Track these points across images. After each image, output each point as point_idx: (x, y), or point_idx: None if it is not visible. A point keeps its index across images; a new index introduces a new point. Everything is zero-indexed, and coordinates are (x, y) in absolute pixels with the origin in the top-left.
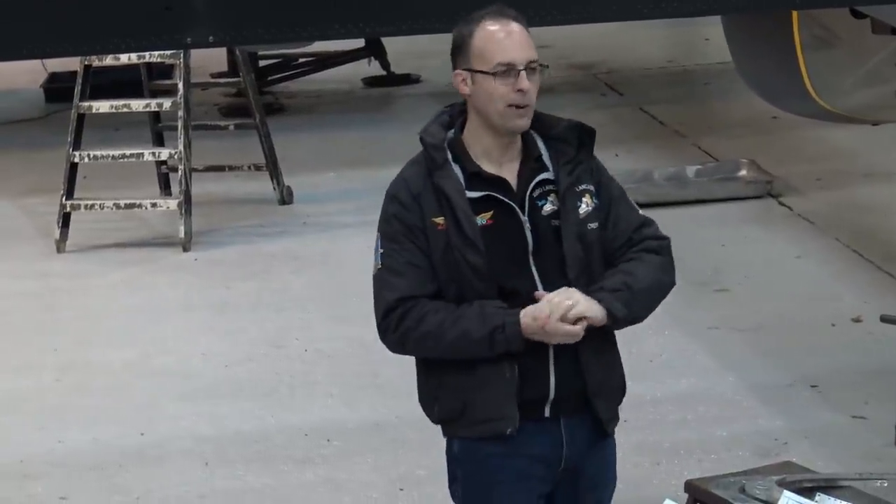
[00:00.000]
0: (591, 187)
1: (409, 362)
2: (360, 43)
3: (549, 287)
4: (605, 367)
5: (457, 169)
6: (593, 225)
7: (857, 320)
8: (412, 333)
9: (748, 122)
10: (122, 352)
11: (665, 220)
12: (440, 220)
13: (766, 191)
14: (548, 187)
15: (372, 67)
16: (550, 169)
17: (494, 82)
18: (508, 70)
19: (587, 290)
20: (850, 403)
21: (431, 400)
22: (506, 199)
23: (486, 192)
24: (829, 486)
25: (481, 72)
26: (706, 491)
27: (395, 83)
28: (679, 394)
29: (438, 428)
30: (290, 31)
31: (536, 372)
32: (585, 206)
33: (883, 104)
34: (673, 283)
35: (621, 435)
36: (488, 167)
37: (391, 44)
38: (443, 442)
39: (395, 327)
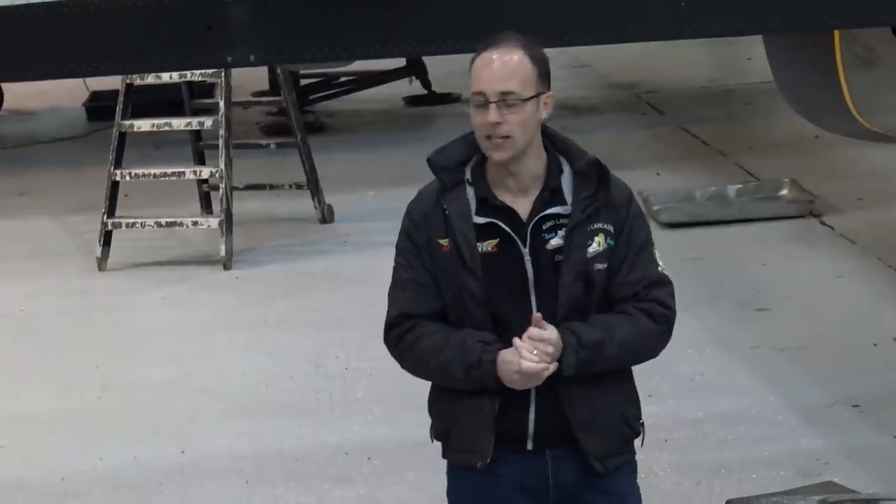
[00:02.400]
0: (609, 227)
1: None
2: (401, 62)
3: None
4: (595, 402)
5: (471, 192)
6: (601, 266)
7: None
8: (407, 355)
9: (790, 142)
10: (163, 370)
11: (706, 240)
12: (445, 241)
13: (807, 210)
14: (561, 221)
15: (413, 86)
16: (568, 202)
17: (471, 112)
18: (481, 101)
19: (569, 325)
20: (892, 423)
21: (431, 414)
22: (508, 230)
23: (492, 220)
24: None
25: (468, 99)
26: None
27: (436, 102)
28: (720, 413)
29: None
30: (330, 51)
31: (516, 406)
32: (597, 245)
33: None
34: (653, 356)
35: (664, 454)
36: (503, 193)
37: (432, 63)
38: None
39: (394, 344)
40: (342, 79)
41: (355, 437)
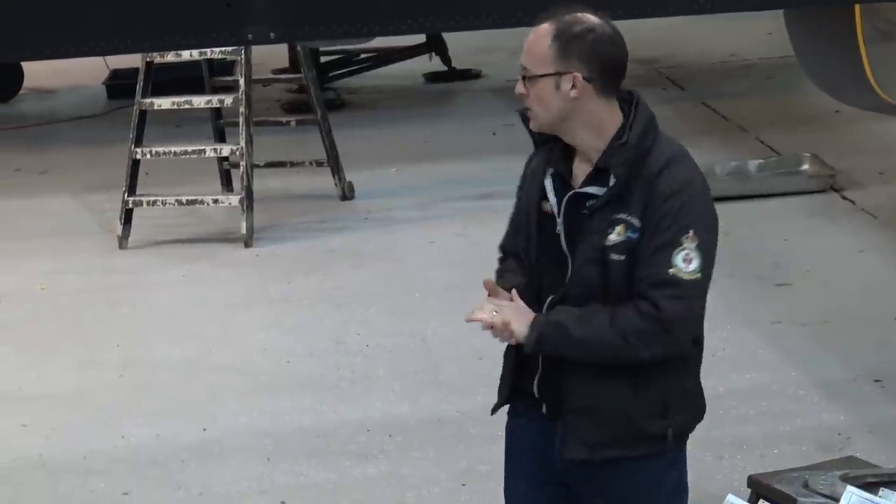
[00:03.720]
0: (633, 220)
1: (470, 358)
2: (421, 38)
3: (557, 290)
4: (597, 391)
5: (549, 154)
6: (618, 256)
7: None
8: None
9: (810, 117)
10: (184, 347)
11: (727, 215)
12: (523, 193)
13: (828, 185)
14: (590, 202)
15: (433, 63)
16: (610, 185)
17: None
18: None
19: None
20: None
21: None
22: (552, 197)
23: (552, 184)
24: (893, 482)
25: None
26: (769, 486)
27: (456, 78)
28: (741, 389)
29: (500, 423)
30: (350, 27)
31: (529, 365)
32: (616, 235)
33: None
34: (637, 356)
35: None
36: (575, 161)
37: (452, 39)
38: (504, 437)
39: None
40: (362, 55)
41: (377, 413)
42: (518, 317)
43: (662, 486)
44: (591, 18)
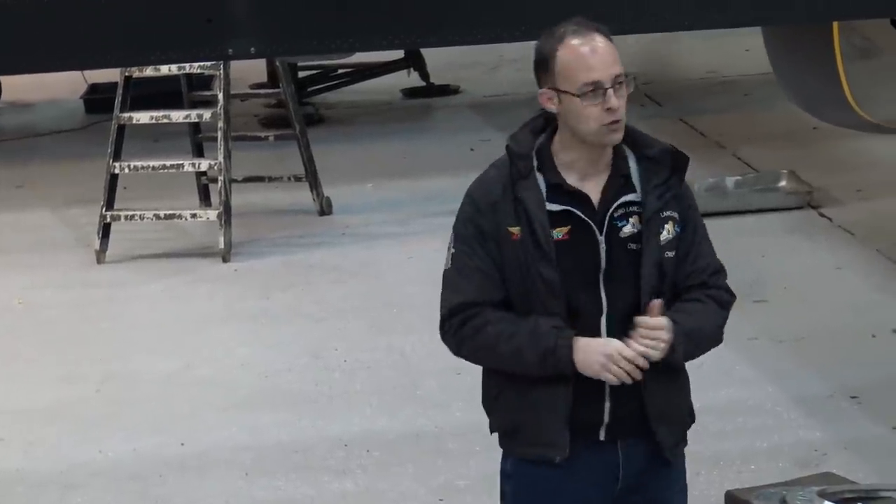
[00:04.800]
0: (676, 215)
1: (448, 373)
2: (399, 54)
3: (614, 310)
4: (669, 393)
5: (540, 179)
6: (671, 253)
7: None
8: (469, 342)
9: (788, 133)
10: (162, 362)
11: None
12: (516, 229)
13: (806, 202)
14: (631, 208)
15: (411, 78)
16: (638, 189)
17: (582, 103)
18: (595, 90)
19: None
20: (890, 415)
21: (489, 409)
22: (584, 217)
23: (566, 207)
24: (869, 498)
25: (568, 92)
26: (746, 502)
27: (434, 94)
28: (718, 404)
29: (479, 438)
30: (331, 43)
31: (591, 396)
32: (667, 233)
33: None
34: (721, 342)
35: None
36: (572, 179)
37: (430, 55)
38: (483, 453)
39: (454, 332)
40: (340, 71)
41: (355, 428)
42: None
43: (687, 488)
44: None
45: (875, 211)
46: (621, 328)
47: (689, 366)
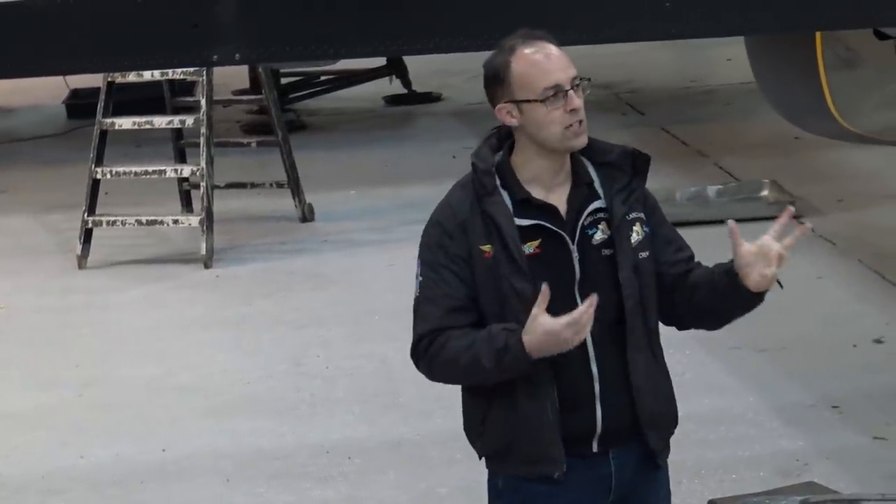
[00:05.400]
0: (643, 216)
1: (429, 381)
2: (381, 61)
3: (594, 321)
4: (658, 397)
5: (505, 195)
6: (644, 254)
7: (878, 341)
8: (436, 361)
9: (770, 143)
10: (144, 368)
11: (687, 240)
12: (487, 247)
13: None
14: (599, 215)
15: (393, 86)
16: (602, 196)
17: (545, 108)
18: (556, 93)
19: (642, 327)
20: (871, 424)
21: (476, 434)
22: (556, 229)
23: (536, 221)
24: None
25: (528, 101)
26: None
27: (416, 101)
28: (700, 414)
29: (460, 446)
30: (316, 49)
31: (580, 406)
32: (637, 234)
33: None
34: None
35: None
36: (537, 193)
37: (412, 62)
38: (464, 461)
39: (422, 356)
40: (322, 77)
41: (336, 436)
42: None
43: (670, 494)
44: None
45: (856, 221)
46: (603, 336)
47: (671, 374)
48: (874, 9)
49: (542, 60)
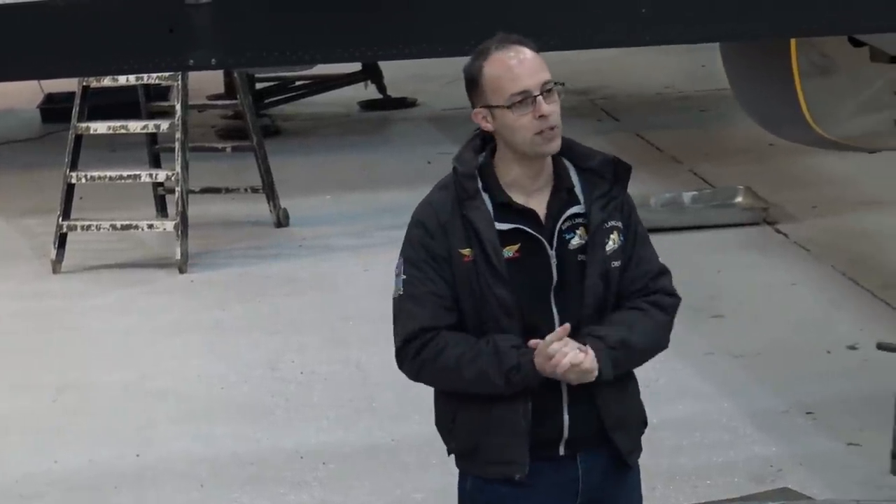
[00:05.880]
0: (620, 224)
1: (404, 386)
2: (357, 66)
3: (565, 323)
4: (624, 401)
5: (486, 198)
6: (616, 263)
7: (852, 347)
8: (429, 366)
9: (745, 149)
10: (118, 373)
11: (661, 246)
12: (467, 251)
13: (762, 218)
14: (577, 220)
15: (369, 91)
16: (582, 202)
17: (513, 115)
18: (524, 99)
19: (590, 330)
20: (845, 430)
21: (447, 431)
22: (535, 234)
23: (515, 225)
24: None
25: (499, 106)
26: None
27: (391, 107)
28: (674, 420)
29: (435, 451)
30: (291, 55)
31: (550, 412)
32: (612, 243)
33: (880, 132)
34: (666, 346)
35: None
36: (518, 197)
37: (388, 67)
38: (439, 466)
39: (412, 357)
40: (298, 82)
41: (311, 440)
42: (585, 353)
43: (642, 499)
44: None
45: (830, 227)
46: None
47: (645, 380)
48: (849, 16)
49: (512, 66)
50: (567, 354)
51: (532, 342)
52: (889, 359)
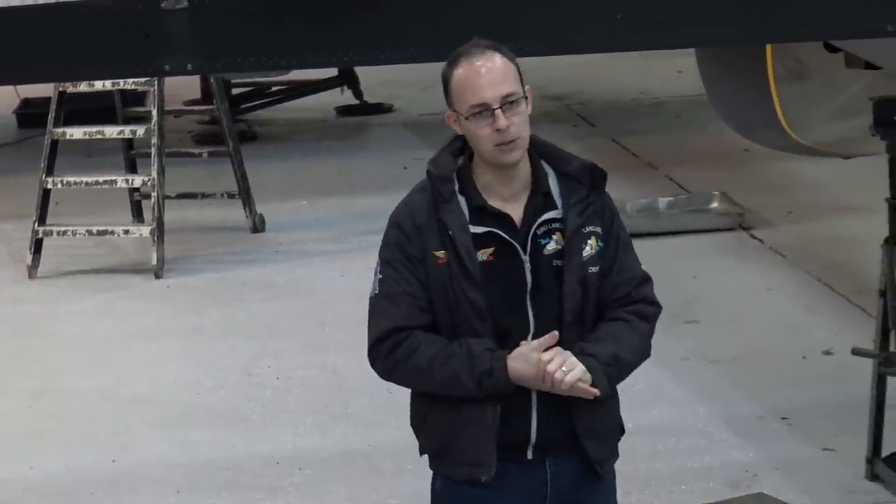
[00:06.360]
0: (599, 230)
1: (380, 391)
2: (333, 72)
3: (541, 328)
4: (599, 409)
5: (462, 201)
6: (594, 269)
7: (828, 353)
8: (401, 366)
9: (720, 155)
10: (94, 378)
11: (637, 252)
12: (441, 253)
13: (737, 223)
14: (553, 225)
15: (345, 96)
16: (559, 206)
17: (473, 125)
18: (483, 112)
19: (577, 341)
20: (821, 436)
21: (419, 429)
22: (508, 238)
23: (489, 229)
24: None
25: (461, 114)
26: None
27: (367, 112)
28: (650, 425)
29: (410, 457)
30: (268, 60)
31: (518, 416)
32: (590, 248)
33: (855, 138)
34: (650, 355)
35: None
36: (494, 200)
37: (364, 73)
38: (415, 471)
39: (385, 356)
40: (274, 88)
41: (287, 446)
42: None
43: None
44: None
45: (805, 233)
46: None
47: (621, 386)
48: (824, 22)
49: (473, 77)
50: (573, 369)
51: (522, 343)
52: (864, 364)
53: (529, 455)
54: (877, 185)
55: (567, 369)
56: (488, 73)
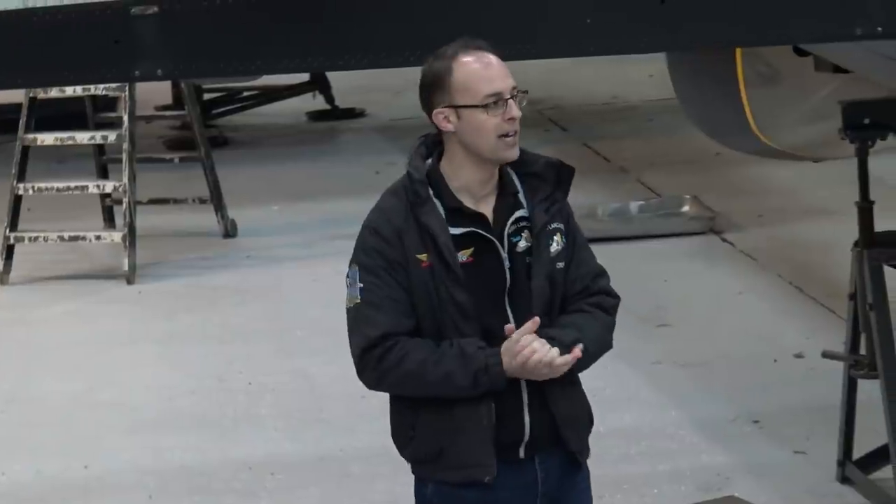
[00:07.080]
0: (562, 226)
1: (353, 396)
2: (304, 77)
3: (520, 325)
4: (572, 400)
5: (437, 203)
6: (561, 264)
7: (799, 356)
8: (393, 372)
9: (691, 159)
10: (66, 384)
11: (609, 256)
12: (424, 256)
13: (708, 227)
14: (522, 224)
15: (316, 101)
16: (525, 206)
17: (486, 115)
18: (497, 101)
19: (543, 333)
20: (792, 439)
21: (406, 439)
22: (489, 236)
23: (469, 229)
24: None
25: (468, 106)
26: None
27: (339, 117)
28: (622, 428)
29: (384, 461)
30: (238, 65)
31: (512, 415)
32: (556, 244)
33: (825, 141)
34: (611, 347)
35: None
36: (467, 202)
37: (335, 78)
38: (388, 477)
39: (374, 365)
40: (245, 93)
41: (259, 451)
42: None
43: (592, 499)
44: None
45: (776, 236)
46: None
47: (592, 389)
48: (793, 25)
49: (485, 67)
50: (537, 350)
51: (507, 326)
52: (835, 367)
53: (521, 454)
54: (847, 189)
55: (531, 350)
56: (498, 64)
